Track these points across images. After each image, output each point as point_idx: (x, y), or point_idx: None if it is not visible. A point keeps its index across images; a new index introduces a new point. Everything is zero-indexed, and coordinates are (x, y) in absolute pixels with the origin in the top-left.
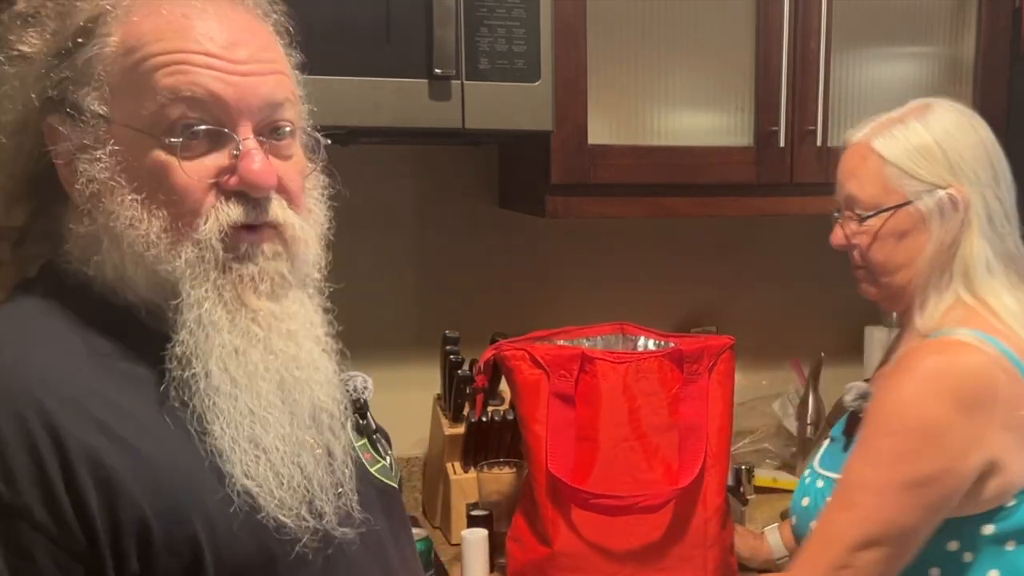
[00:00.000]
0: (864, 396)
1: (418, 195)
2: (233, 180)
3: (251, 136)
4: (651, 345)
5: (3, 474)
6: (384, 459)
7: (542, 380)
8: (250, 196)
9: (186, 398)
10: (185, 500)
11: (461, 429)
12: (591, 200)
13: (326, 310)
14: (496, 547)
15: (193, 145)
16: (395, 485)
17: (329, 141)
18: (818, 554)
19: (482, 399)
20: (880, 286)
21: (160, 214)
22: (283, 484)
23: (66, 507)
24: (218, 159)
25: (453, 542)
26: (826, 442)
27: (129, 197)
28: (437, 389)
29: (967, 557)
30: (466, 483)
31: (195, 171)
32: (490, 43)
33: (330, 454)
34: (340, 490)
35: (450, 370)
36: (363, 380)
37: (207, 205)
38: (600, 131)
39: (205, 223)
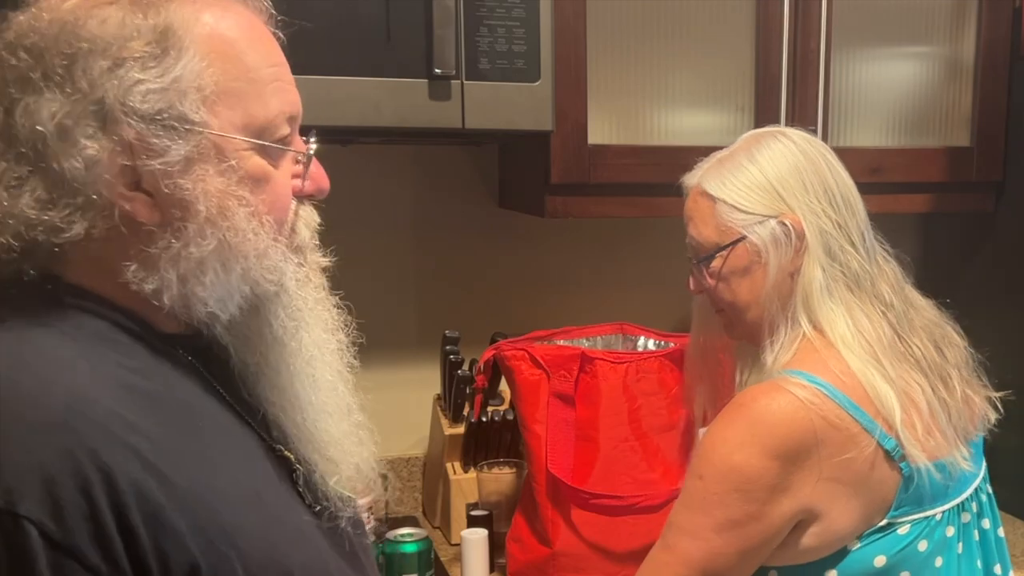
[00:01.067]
0: None
1: (418, 195)
2: (309, 187)
3: (312, 143)
4: (651, 345)
5: (53, 511)
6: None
7: (542, 380)
8: (314, 200)
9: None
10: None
11: (461, 429)
12: (591, 200)
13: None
14: (496, 547)
15: (280, 153)
16: (352, 495)
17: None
18: None
19: (482, 399)
20: (740, 327)
21: (268, 223)
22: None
23: (118, 548)
24: (290, 166)
25: (453, 542)
26: None
27: (244, 210)
28: (437, 389)
29: None
30: (466, 483)
31: (287, 179)
32: (490, 43)
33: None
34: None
35: (450, 370)
36: None
37: (292, 211)
38: (600, 131)
39: (300, 230)
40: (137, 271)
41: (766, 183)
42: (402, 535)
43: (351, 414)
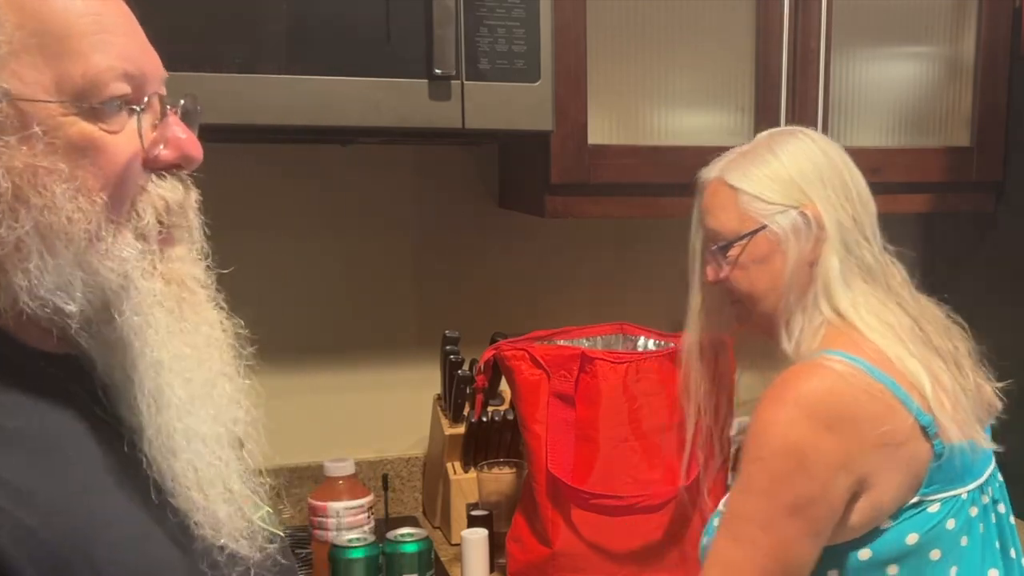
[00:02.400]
0: (744, 430)
1: (418, 195)
2: (169, 154)
3: (167, 104)
4: (651, 345)
5: None
6: (264, 504)
7: (542, 380)
8: (179, 172)
9: (129, 427)
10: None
11: (461, 429)
12: (591, 200)
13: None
14: (496, 547)
15: (115, 116)
16: (281, 534)
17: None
18: None
19: (482, 399)
20: (756, 318)
21: (100, 201)
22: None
23: None
24: (133, 130)
25: (453, 542)
26: None
27: (63, 185)
28: (437, 389)
29: None
30: (466, 483)
31: (128, 145)
32: (490, 43)
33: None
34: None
35: (450, 370)
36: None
37: (139, 185)
38: (600, 131)
39: (144, 212)
40: None
41: (787, 175)
42: (402, 535)
43: (219, 445)
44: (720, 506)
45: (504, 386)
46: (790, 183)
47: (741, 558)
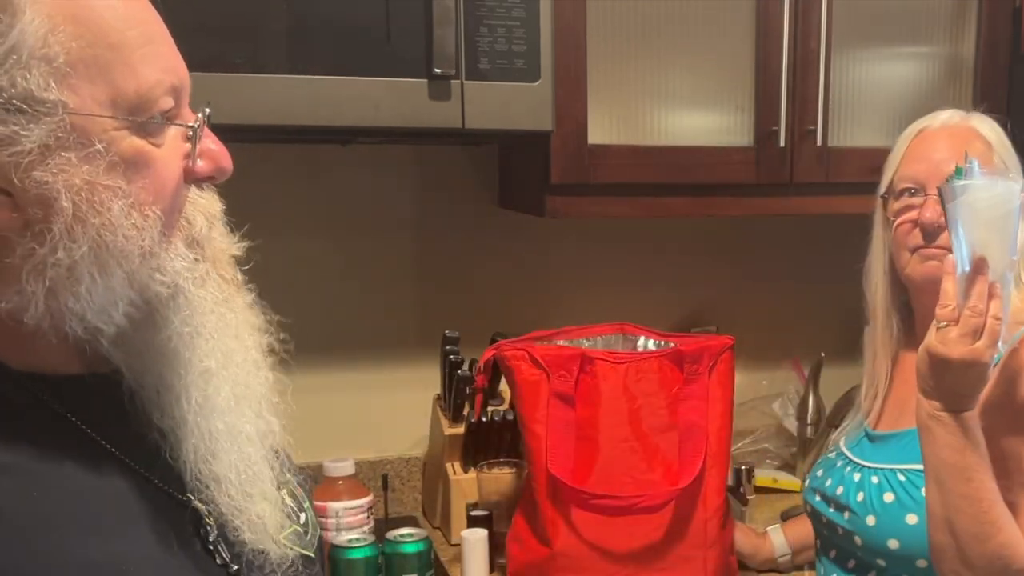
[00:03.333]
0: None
1: (418, 195)
2: (204, 167)
3: (198, 116)
4: (651, 345)
5: None
6: (296, 522)
7: (542, 380)
8: (213, 184)
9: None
10: None
11: (461, 429)
12: (591, 200)
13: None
14: (496, 547)
15: (162, 130)
16: (310, 554)
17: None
18: None
19: (482, 399)
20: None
21: (152, 216)
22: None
23: None
24: (178, 144)
25: (453, 542)
26: (846, 436)
27: (120, 203)
28: (437, 389)
29: None
30: (466, 483)
31: (175, 160)
32: (490, 43)
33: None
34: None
35: (450, 370)
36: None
37: (184, 197)
38: (600, 131)
39: (194, 219)
40: None
41: (1010, 150)
42: (402, 535)
43: (251, 443)
44: (863, 459)
45: (504, 386)
46: (1012, 159)
47: None
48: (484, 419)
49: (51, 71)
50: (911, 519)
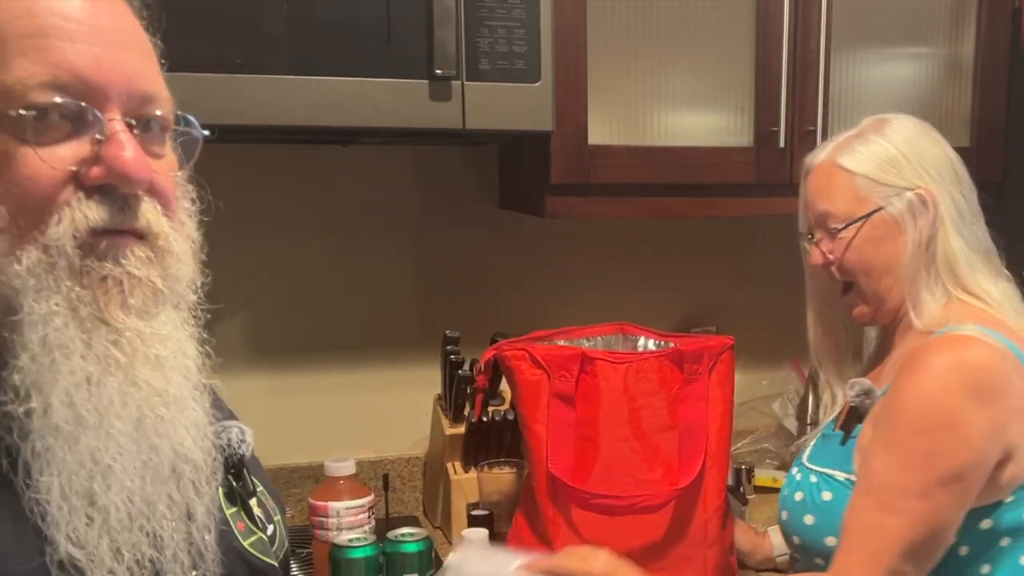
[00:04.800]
0: (868, 393)
1: (418, 195)
2: (97, 171)
3: (119, 118)
4: (651, 345)
5: None
6: (262, 531)
7: (542, 380)
8: (117, 193)
9: (12, 439)
10: None
11: (461, 429)
12: (591, 200)
13: (202, 340)
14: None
15: (47, 128)
16: (274, 563)
17: (206, 133)
18: (870, 563)
19: (482, 399)
20: (869, 299)
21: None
22: (122, 556)
23: None
24: (78, 147)
25: (454, 542)
26: (814, 439)
27: None
28: (437, 389)
29: (964, 551)
30: (466, 483)
31: (48, 158)
32: (490, 43)
33: (189, 517)
34: (198, 566)
35: (450, 370)
36: (240, 432)
37: (60, 201)
38: (600, 131)
39: (58, 223)
40: None
41: (901, 157)
42: (402, 535)
43: (143, 477)
44: (809, 462)
45: (504, 386)
46: (905, 166)
47: (894, 527)
48: (485, 419)
49: None
50: (809, 519)
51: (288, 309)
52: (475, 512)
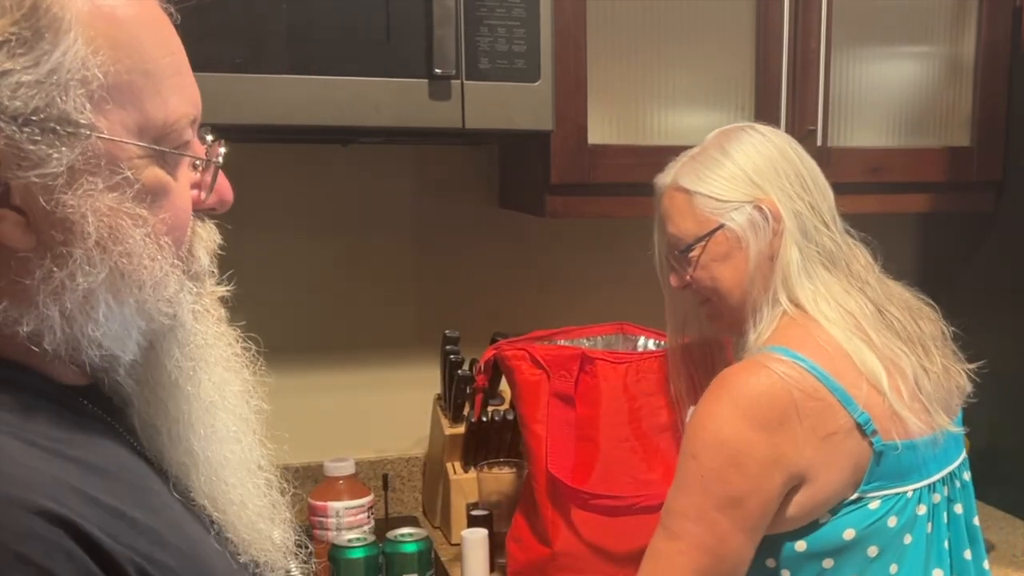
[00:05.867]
0: None
1: (418, 195)
2: (212, 200)
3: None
4: (651, 345)
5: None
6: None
7: (542, 380)
8: (208, 216)
9: (178, 456)
10: None
11: (461, 429)
12: (591, 200)
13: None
14: (496, 547)
15: (180, 161)
16: (311, 547)
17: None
18: None
19: (482, 399)
20: (723, 315)
21: (165, 246)
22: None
23: None
24: (189, 175)
25: (453, 542)
26: None
27: (141, 231)
28: (437, 389)
29: (784, 575)
30: (466, 483)
31: (187, 189)
32: (490, 43)
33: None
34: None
35: (450, 370)
36: None
37: (191, 228)
38: (600, 131)
39: (199, 253)
40: (8, 309)
41: (739, 172)
42: (402, 535)
43: (258, 471)
44: None
45: (504, 386)
46: (743, 179)
47: (675, 552)
48: (484, 419)
49: (87, 94)
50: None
51: (287, 309)
52: (475, 512)
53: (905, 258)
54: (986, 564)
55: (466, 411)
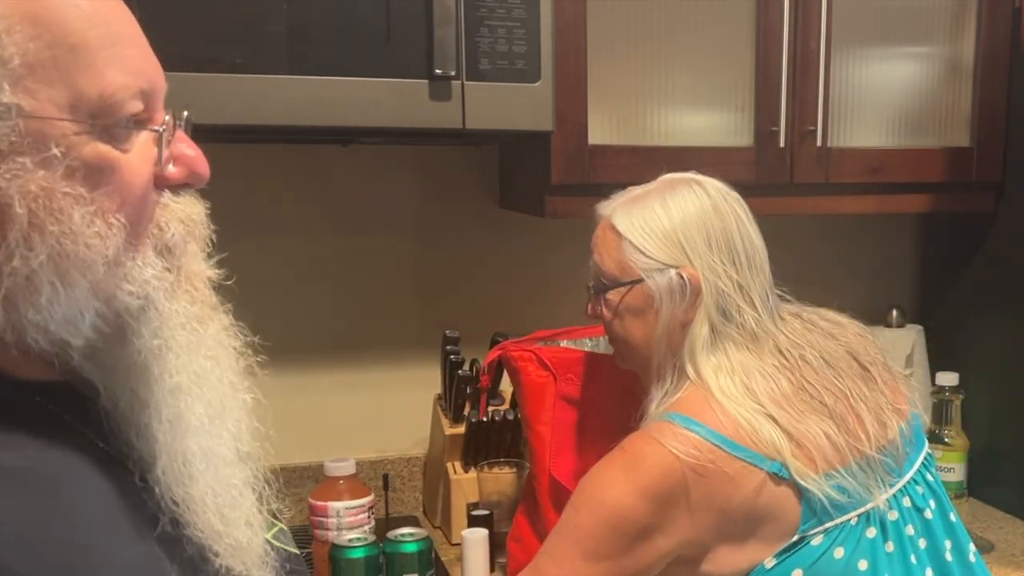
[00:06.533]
0: None
1: (418, 195)
2: (178, 172)
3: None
4: None
5: None
6: (279, 521)
7: (549, 382)
8: (188, 190)
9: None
10: None
11: (461, 429)
12: (591, 200)
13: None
14: (497, 547)
15: (129, 135)
16: (297, 551)
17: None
18: None
19: (484, 399)
20: (626, 361)
21: (117, 223)
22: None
23: None
24: (150, 149)
25: (453, 542)
26: None
27: (82, 210)
28: (437, 389)
29: None
30: (466, 483)
31: (142, 162)
32: (490, 43)
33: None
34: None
35: (450, 370)
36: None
37: (154, 202)
38: (600, 131)
39: (167, 225)
40: None
41: (672, 232)
42: (402, 535)
43: (234, 467)
44: None
45: (504, 386)
46: (674, 241)
47: None
48: (484, 419)
49: (5, 73)
50: None
51: (287, 309)
52: (475, 512)
53: (905, 258)
54: (972, 557)
55: (466, 411)
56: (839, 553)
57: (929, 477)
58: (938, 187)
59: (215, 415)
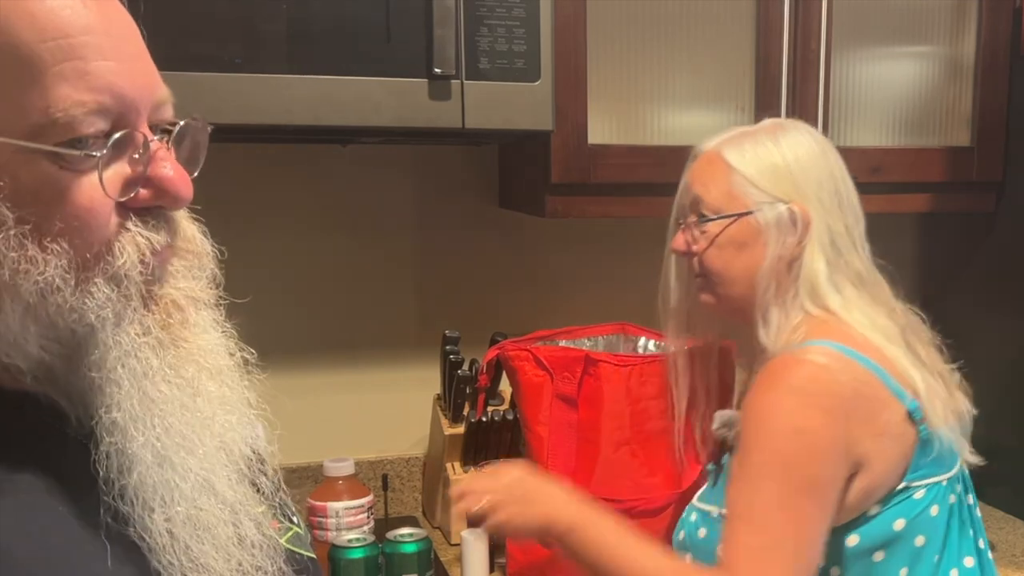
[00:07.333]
0: (728, 423)
1: (418, 195)
2: (145, 193)
3: (149, 134)
4: (651, 346)
5: None
6: (295, 525)
7: (546, 382)
8: (165, 212)
9: (121, 476)
10: None
11: (461, 429)
12: (591, 200)
13: (230, 332)
14: (496, 547)
15: (77, 157)
16: (313, 555)
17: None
18: None
19: (483, 399)
20: (719, 296)
21: (57, 248)
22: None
23: None
24: (120, 169)
25: (453, 542)
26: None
27: (13, 231)
28: (437, 389)
29: (835, 572)
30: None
31: (98, 187)
32: (490, 43)
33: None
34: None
35: (450, 370)
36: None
37: (116, 227)
38: (600, 131)
39: (122, 252)
40: None
41: (785, 168)
42: (402, 535)
43: (215, 489)
44: (697, 501)
45: (504, 386)
46: (786, 176)
47: (768, 544)
48: (484, 419)
49: None
50: (688, 558)
51: (287, 309)
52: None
53: (905, 258)
54: (991, 554)
55: (466, 411)
56: (935, 511)
57: (966, 471)
58: (938, 187)
59: (180, 444)
